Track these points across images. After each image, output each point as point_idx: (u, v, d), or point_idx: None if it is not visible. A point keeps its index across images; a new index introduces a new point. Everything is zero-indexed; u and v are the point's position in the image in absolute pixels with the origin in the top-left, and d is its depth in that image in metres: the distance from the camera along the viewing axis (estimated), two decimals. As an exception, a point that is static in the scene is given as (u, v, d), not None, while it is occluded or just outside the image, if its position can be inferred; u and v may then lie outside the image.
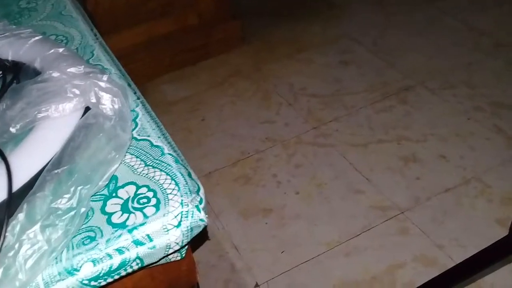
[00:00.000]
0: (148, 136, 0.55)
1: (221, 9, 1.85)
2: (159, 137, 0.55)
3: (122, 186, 0.49)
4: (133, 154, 0.52)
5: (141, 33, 1.74)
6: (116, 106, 0.53)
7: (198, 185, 0.49)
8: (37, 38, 0.65)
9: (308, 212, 1.32)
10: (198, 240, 0.52)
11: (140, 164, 0.51)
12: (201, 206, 0.47)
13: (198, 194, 0.48)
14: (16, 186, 0.45)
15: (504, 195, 1.31)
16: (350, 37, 1.96)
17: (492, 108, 1.57)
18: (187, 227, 0.46)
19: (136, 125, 0.56)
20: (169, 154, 0.52)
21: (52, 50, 0.62)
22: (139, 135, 0.55)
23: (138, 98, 0.61)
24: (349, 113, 1.62)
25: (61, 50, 0.62)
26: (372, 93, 1.68)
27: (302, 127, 1.58)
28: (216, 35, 1.89)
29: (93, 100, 0.53)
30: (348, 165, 1.44)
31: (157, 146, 0.53)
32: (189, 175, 0.50)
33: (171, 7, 1.76)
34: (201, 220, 0.47)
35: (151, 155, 0.52)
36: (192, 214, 0.47)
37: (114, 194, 0.48)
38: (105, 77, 0.55)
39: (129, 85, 0.64)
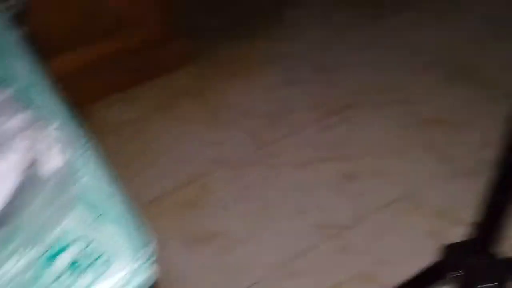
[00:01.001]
0: (95, 190, 0.54)
1: (167, 29, 1.84)
2: (106, 191, 0.54)
3: (68, 246, 0.49)
4: (79, 210, 0.52)
5: (86, 54, 1.71)
6: (64, 160, 0.53)
7: (148, 239, 0.50)
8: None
9: (254, 235, 1.35)
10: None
11: (86, 220, 0.51)
12: (150, 262, 0.49)
13: (148, 250, 0.49)
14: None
15: (437, 209, 1.39)
16: (297, 55, 1.99)
17: (426, 124, 1.65)
18: (136, 285, 0.48)
19: (83, 179, 0.56)
20: (117, 209, 0.52)
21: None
22: (85, 190, 0.55)
23: (86, 150, 0.60)
24: (293, 132, 1.66)
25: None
26: (316, 112, 1.73)
27: (248, 148, 1.61)
28: (163, 55, 1.88)
29: (39, 153, 0.53)
30: (293, 185, 1.48)
31: (104, 201, 0.53)
32: (139, 229, 0.51)
33: (116, 27, 1.74)
34: (151, 277, 0.48)
35: (97, 211, 0.52)
36: (142, 271, 0.48)
37: (59, 254, 0.48)
38: (52, 127, 0.55)
39: (78, 127, 0.62)
